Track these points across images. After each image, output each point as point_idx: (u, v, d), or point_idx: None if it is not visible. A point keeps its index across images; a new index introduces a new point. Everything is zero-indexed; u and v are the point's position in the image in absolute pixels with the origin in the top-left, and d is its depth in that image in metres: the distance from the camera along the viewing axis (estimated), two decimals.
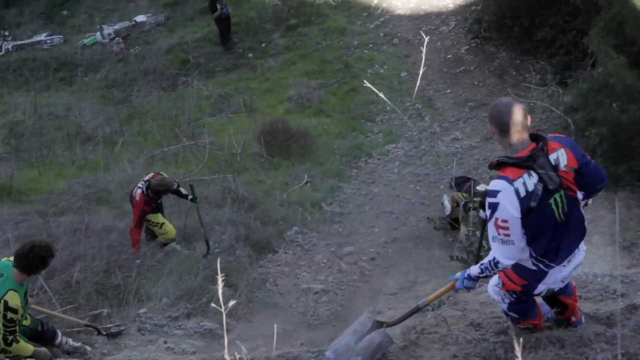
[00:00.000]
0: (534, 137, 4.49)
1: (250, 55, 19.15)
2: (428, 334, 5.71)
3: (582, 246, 4.70)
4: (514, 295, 4.77)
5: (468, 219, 10.61)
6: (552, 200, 4.41)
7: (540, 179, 4.36)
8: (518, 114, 4.41)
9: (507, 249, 4.43)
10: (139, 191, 10.27)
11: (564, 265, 4.59)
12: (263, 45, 19.48)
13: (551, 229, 4.46)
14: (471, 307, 6.19)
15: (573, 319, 5.17)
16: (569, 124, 12.66)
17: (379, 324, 5.32)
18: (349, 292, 10.20)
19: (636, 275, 6.43)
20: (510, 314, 4.95)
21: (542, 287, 4.67)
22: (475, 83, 16.19)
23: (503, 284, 4.76)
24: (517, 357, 2.24)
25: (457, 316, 5.98)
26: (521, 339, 2.36)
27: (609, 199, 10.99)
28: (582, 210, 4.66)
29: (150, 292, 9.15)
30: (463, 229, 10.35)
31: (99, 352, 7.51)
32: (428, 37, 7.81)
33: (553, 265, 4.54)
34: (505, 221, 4.36)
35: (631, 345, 4.50)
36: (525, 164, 4.37)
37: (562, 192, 4.45)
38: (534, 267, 4.57)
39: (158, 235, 10.70)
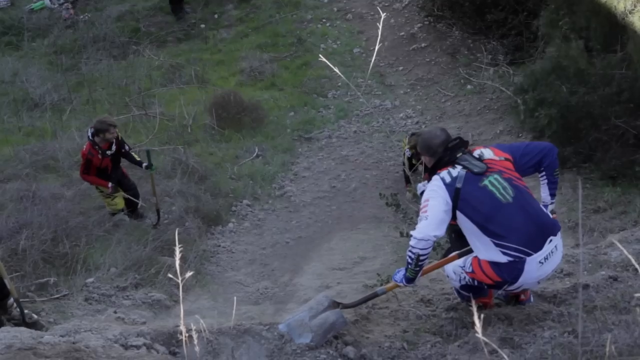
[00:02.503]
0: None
1: (203, 26, 18.90)
2: (379, 309, 5.77)
3: (560, 246, 4.77)
4: (474, 283, 4.84)
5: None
6: (487, 182, 4.58)
7: (464, 167, 4.66)
8: (444, 135, 4.90)
9: (420, 223, 4.65)
10: (86, 140, 10.07)
11: (541, 262, 4.61)
12: (216, 16, 19.25)
13: (500, 210, 4.53)
14: (422, 284, 6.27)
15: (522, 297, 5.27)
16: (519, 104, 12.82)
17: (335, 304, 5.35)
18: (297, 267, 10.23)
19: (582, 255, 6.57)
20: (462, 292, 5.03)
21: (516, 285, 4.74)
22: (428, 61, 16.27)
23: (472, 272, 4.80)
24: (477, 332, 2.27)
25: (408, 292, 6.05)
26: (474, 316, 2.40)
27: None
28: (542, 206, 4.79)
29: (98, 262, 9.06)
30: (408, 194, 10.53)
31: (45, 321, 7.42)
32: (385, 14, 7.83)
33: (525, 250, 4.56)
34: (426, 200, 4.67)
35: (576, 323, 4.60)
36: (448, 160, 4.74)
37: (497, 175, 4.63)
38: (506, 258, 4.59)
39: (106, 205, 10.56)
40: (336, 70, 6.20)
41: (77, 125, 13.99)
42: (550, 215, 4.79)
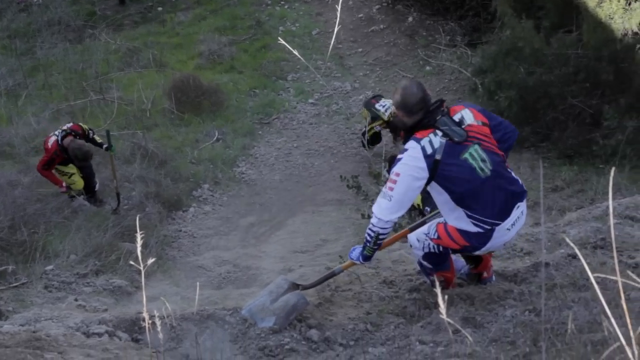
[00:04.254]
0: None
1: (160, 9, 18.72)
2: (342, 292, 5.78)
3: (525, 209, 4.80)
4: (439, 249, 4.83)
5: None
6: (467, 155, 4.47)
7: (445, 134, 4.49)
8: (420, 93, 4.59)
9: (383, 202, 4.56)
10: (53, 139, 10.07)
11: (508, 229, 4.65)
12: None
13: (479, 185, 4.51)
14: (384, 265, 6.30)
15: (485, 274, 5.31)
16: (478, 86, 12.91)
17: (295, 286, 5.35)
18: (259, 250, 10.21)
19: (541, 234, 6.64)
20: (424, 263, 5.01)
21: (482, 250, 4.77)
22: (387, 42, 16.30)
23: (438, 238, 4.79)
24: (440, 312, 2.28)
25: (370, 274, 6.07)
26: (438, 297, 2.42)
27: (514, 159, 11.31)
28: (511, 170, 4.77)
29: (57, 249, 8.94)
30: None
31: (4, 309, 7.31)
32: None
33: (496, 222, 4.59)
34: (397, 174, 4.51)
35: (537, 302, 4.66)
36: (427, 123, 4.52)
37: (476, 147, 4.52)
38: (477, 229, 4.61)
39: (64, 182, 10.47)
40: (295, 52, 6.19)
41: (33, 110, 13.79)
42: (520, 181, 4.79)
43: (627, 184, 9.49)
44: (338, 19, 8.12)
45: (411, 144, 4.51)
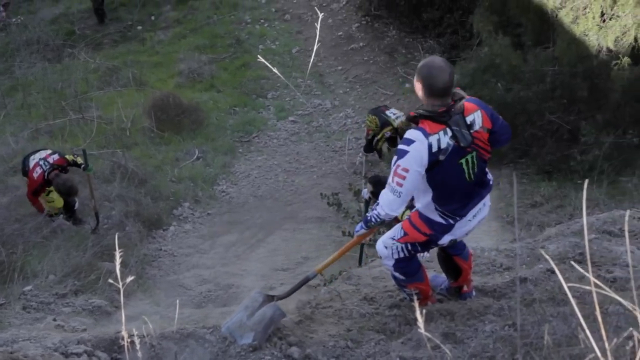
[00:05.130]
0: (453, 96, 4.49)
1: (140, 27, 18.73)
2: (322, 309, 5.77)
3: (488, 201, 4.82)
4: (407, 250, 4.82)
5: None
6: (463, 160, 4.45)
7: (454, 136, 4.38)
8: (449, 80, 4.41)
9: (392, 199, 4.47)
10: (40, 171, 9.99)
11: (470, 220, 4.69)
12: (153, 18, 19.08)
13: (462, 189, 4.54)
14: (364, 282, 6.29)
15: (465, 288, 5.32)
16: None
17: (270, 298, 5.33)
18: (240, 268, 10.19)
19: (519, 249, 6.68)
20: (396, 274, 5.00)
21: (447, 238, 4.77)
22: (366, 60, 16.39)
23: (405, 235, 4.80)
24: (419, 327, 2.29)
25: (351, 290, 6.06)
26: (417, 312, 2.43)
27: (493, 175, 11.33)
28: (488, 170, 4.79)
29: (36, 269, 8.86)
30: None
31: None
32: (322, 14, 7.85)
33: (460, 218, 4.65)
34: (405, 170, 4.37)
35: (517, 317, 4.68)
36: (441, 118, 4.37)
37: (474, 154, 4.50)
38: (441, 220, 4.65)
39: (45, 205, 10.40)
40: (275, 70, 6.20)
41: (11, 130, 13.71)
42: (490, 179, 4.81)
43: (605, 199, 9.56)
44: (317, 37, 8.18)
45: (419, 137, 4.36)
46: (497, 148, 4.80)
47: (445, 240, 4.78)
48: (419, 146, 4.34)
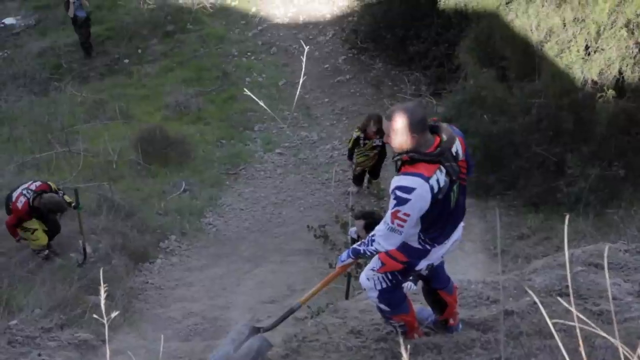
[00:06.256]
0: (432, 129, 4.51)
1: (126, 61, 18.77)
2: (309, 342, 5.74)
3: (462, 222, 4.84)
4: (389, 279, 4.81)
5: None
6: (452, 192, 4.49)
7: (448, 173, 4.39)
8: (424, 112, 4.50)
9: (392, 236, 4.48)
10: (24, 200, 9.94)
11: (444, 243, 4.69)
12: (139, 51, 19.12)
13: (445, 216, 4.56)
14: (351, 315, 6.28)
15: (451, 321, 5.30)
16: None
17: (256, 330, 5.32)
18: (227, 301, 10.15)
19: (507, 282, 6.68)
20: (381, 306, 4.97)
21: (423, 264, 4.76)
22: (353, 92, 16.49)
23: (382, 265, 4.77)
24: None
25: (338, 324, 6.04)
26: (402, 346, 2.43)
27: (480, 207, 11.41)
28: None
29: (21, 303, 8.80)
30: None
31: None
32: (308, 47, 7.91)
33: (437, 245, 4.65)
34: (407, 215, 4.36)
35: (505, 350, 4.68)
36: (437, 159, 4.37)
37: (458, 182, 4.52)
38: (418, 246, 4.63)
39: (28, 241, 10.33)
40: (261, 103, 6.25)
41: None
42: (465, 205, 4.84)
43: (592, 231, 9.59)
44: (304, 69, 8.23)
45: (419, 183, 4.32)
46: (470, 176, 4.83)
47: (422, 265, 4.77)
48: (422, 192, 4.33)
